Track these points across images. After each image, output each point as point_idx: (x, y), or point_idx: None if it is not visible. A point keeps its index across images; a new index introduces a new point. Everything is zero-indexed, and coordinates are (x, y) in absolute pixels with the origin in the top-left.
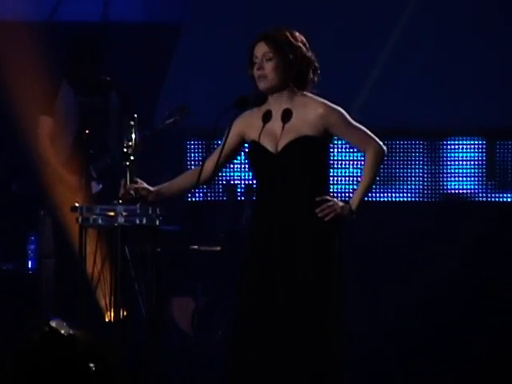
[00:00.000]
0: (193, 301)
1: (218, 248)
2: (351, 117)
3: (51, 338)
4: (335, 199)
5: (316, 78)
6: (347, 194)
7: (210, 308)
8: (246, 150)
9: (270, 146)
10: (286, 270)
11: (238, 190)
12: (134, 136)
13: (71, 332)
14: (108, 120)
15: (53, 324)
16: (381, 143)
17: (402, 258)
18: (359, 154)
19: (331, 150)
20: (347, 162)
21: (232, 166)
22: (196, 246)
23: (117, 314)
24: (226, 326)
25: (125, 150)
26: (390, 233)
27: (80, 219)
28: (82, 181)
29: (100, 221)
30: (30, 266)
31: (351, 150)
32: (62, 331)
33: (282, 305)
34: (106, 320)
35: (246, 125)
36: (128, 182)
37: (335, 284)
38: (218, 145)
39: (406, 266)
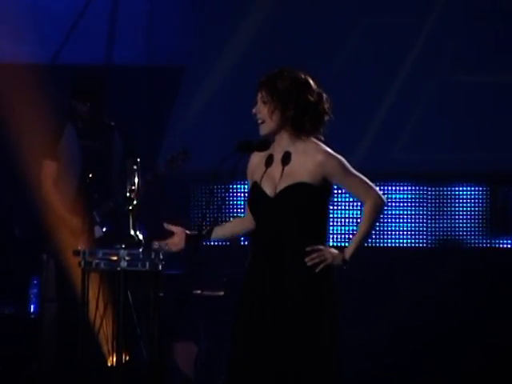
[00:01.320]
0: (195, 345)
1: (221, 293)
2: (353, 162)
3: None
4: (329, 248)
5: (322, 121)
6: (347, 236)
7: (212, 353)
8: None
9: (268, 190)
10: (278, 315)
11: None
12: (136, 180)
13: None
14: (111, 164)
15: None
16: (380, 193)
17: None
18: None
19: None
20: (347, 204)
21: (235, 210)
22: (199, 291)
23: (119, 358)
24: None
25: (127, 194)
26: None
27: (82, 263)
28: (85, 225)
29: (102, 265)
30: (31, 309)
31: None
32: None
33: (274, 352)
34: (108, 364)
35: (254, 165)
36: (131, 226)
37: (327, 331)
38: (221, 189)
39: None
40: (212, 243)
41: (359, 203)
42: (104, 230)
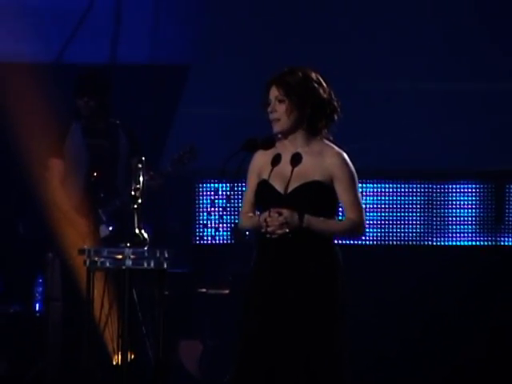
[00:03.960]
0: (200, 344)
1: (226, 291)
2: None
3: None
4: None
5: (335, 118)
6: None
7: (217, 351)
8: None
9: (279, 187)
10: (288, 313)
11: (246, 232)
12: (141, 179)
13: None
14: (117, 162)
15: None
16: (365, 225)
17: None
18: (381, 199)
19: None
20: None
21: (240, 208)
22: (204, 289)
23: (124, 357)
24: (233, 370)
25: (133, 193)
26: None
27: (88, 262)
28: (91, 224)
29: (108, 264)
30: (37, 308)
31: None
32: None
33: (282, 347)
34: (114, 363)
35: (261, 163)
36: (136, 225)
37: (338, 328)
38: (227, 187)
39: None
40: (217, 241)
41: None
42: (110, 228)
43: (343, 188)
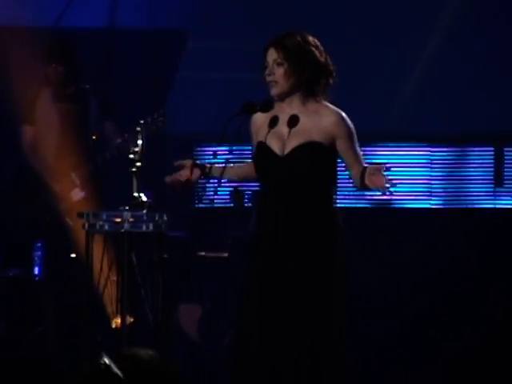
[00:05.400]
0: (199, 307)
1: (225, 254)
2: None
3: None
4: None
5: (331, 82)
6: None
7: (216, 314)
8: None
9: (276, 149)
10: (289, 275)
11: (246, 196)
12: (140, 142)
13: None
14: (87, 126)
15: (106, 361)
16: None
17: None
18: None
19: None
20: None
21: None
22: (203, 253)
23: (123, 320)
24: (232, 333)
25: (131, 156)
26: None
27: (86, 225)
28: (66, 188)
29: (106, 227)
30: (36, 272)
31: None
32: (114, 370)
33: (284, 308)
34: (113, 326)
35: (257, 125)
36: (135, 188)
37: (338, 289)
38: (225, 151)
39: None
40: (216, 205)
41: None
42: (83, 193)
43: (346, 145)
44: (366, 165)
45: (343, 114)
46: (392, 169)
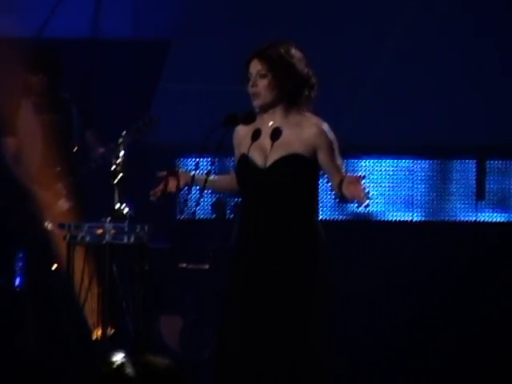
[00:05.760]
0: (181, 319)
1: (207, 266)
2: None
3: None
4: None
5: (313, 95)
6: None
7: (198, 326)
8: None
9: (258, 161)
10: (270, 284)
11: (227, 207)
12: (122, 153)
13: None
14: (70, 136)
15: (121, 361)
16: None
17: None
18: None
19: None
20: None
21: None
22: (184, 264)
23: (104, 331)
24: (213, 345)
25: (113, 167)
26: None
27: (68, 236)
28: (52, 197)
29: (88, 238)
30: (17, 283)
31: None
32: (128, 370)
33: (264, 315)
34: (94, 338)
35: (240, 138)
36: (116, 200)
37: (318, 298)
38: (208, 162)
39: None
40: (197, 216)
41: None
42: (69, 203)
43: (328, 157)
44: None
45: (325, 126)
46: (374, 181)
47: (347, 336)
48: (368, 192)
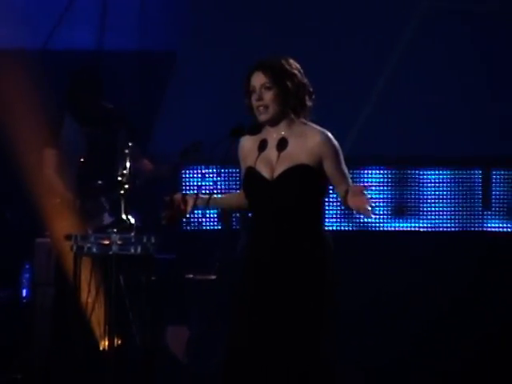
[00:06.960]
0: (187, 329)
1: (213, 277)
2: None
3: None
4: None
5: (312, 104)
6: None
7: (204, 337)
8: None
9: (265, 173)
10: (279, 296)
11: (233, 218)
12: (128, 164)
13: None
14: (114, 149)
15: None
16: None
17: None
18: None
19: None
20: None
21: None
22: (191, 275)
23: (111, 342)
24: (220, 355)
25: (119, 178)
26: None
27: (74, 247)
28: (81, 215)
29: (94, 249)
30: (24, 294)
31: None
32: None
33: (274, 331)
34: (101, 349)
35: (246, 150)
36: (122, 211)
37: (327, 309)
38: (214, 173)
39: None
40: (203, 227)
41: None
42: (112, 218)
43: (332, 165)
44: (351, 184)
45: (328, 134)
46: (381, 191)
47: (355, 343)
48: (372, 203)
